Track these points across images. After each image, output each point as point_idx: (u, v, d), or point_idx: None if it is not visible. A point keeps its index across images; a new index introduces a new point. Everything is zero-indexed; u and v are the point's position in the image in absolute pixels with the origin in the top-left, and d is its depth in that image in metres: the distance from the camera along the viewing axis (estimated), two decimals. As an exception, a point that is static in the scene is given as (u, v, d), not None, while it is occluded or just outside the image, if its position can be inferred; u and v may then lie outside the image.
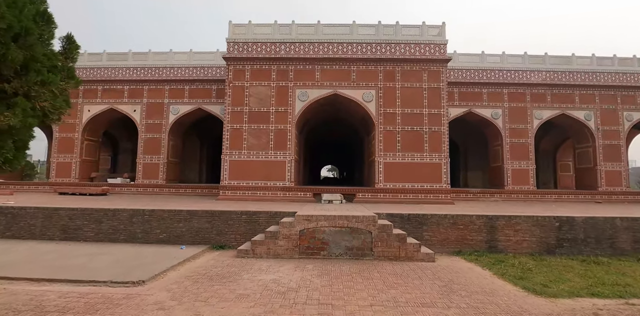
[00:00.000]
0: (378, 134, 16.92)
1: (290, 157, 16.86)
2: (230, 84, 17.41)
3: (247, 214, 11.42)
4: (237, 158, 16.92)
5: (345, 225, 9.91)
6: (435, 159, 16.77)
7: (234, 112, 17.23)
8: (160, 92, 21.36)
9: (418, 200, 16.38)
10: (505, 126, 20.97)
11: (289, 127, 17.00)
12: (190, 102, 21.17)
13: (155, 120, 21.18)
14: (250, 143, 16.97)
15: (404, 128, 16.94)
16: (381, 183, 16.61)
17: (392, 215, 11.33)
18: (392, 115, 17.02)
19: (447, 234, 11.25)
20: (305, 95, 17.11)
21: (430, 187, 16.53)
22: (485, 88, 21.09)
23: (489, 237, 11.28)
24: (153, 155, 21.02)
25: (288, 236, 9.88)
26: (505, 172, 20.69)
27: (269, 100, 17.19)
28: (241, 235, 11.35)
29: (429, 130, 16.95)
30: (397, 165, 16.70)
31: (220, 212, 11.48)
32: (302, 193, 16.69)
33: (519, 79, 21.21)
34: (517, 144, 20.91)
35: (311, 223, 9.93)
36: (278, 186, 16.65)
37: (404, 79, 17.23)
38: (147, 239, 11.53)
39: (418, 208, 13.33)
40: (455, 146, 26.04)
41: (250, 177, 16.71)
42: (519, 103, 21.12)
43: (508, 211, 12.95)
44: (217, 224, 11.43)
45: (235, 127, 17.13)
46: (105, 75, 21.72)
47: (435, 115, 17.05)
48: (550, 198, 20.51)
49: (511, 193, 20.39)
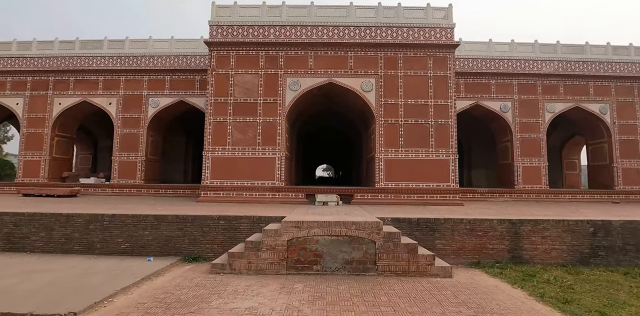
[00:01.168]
0: (378, 128, 15.15)
1: (280, 154, 15.04)
2: (213, 72, 15.55)
3: (225, 219, 9.60)
4: (220, 155, 15.07)
5: (343, 234, 8.13)
6: (442, 155, 15.04)
7: (217, 103, 15.38)
8: (138, 83, 19.44)
9: (423, 201, 14.63)
10: (515, 120, 19.30)
11: (279, 120, 15.18)
12: (172, 94, 19.27)
13: (133, 113, 19.26)
14: (236, 138, 15.14)
15: (407, 121, 15.19)
16: (382, 182, 14.85)
17: (399, 219, 9.56)
18: (394, 107, 15.27)
19: (464, 242, 9.51)
20: (297, 84, 15.30)
21: (437, 187, 14.80)
22: (493, 79, 19.40)
23: (512, 245, 9.56)
24: (130, 153, 19.09)
25: (273, 247, 8.08)
26: (516, 169, 19.02)
27: (256, 90, 15.36)
28: (219, 245, 9.53)
29: (435, 123, 15.21)
30: (399, 162, 14.95)
31: (194, 217, 9.64)
32: (293, 194, 14.89)
33: (529, 69, 19.55)
34: (528, 139, 19.25)
35: (301, 231, 8.13)
36: (266, 186, 14.82)
37: (407, 67, 15.47)
38: (107, 250, 9.68)
39: (427, 212, 11.58)
40: (457, 142, 24.34)
41: (235, 176, 14.87)
42: (530, 96, 19.45)
43: (525, 213, 11.25)
44: (190, 232, 9.59)
45: (218, 120, 15.28)
46: (78, 64, 19.76)
47: (442, 106, 15.31)
48: (564, 198, 18.88)
49: (522, 192, 18.72)
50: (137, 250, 9.60)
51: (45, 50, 20.04)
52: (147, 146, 19.29)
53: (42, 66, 19.81)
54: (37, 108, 19.62)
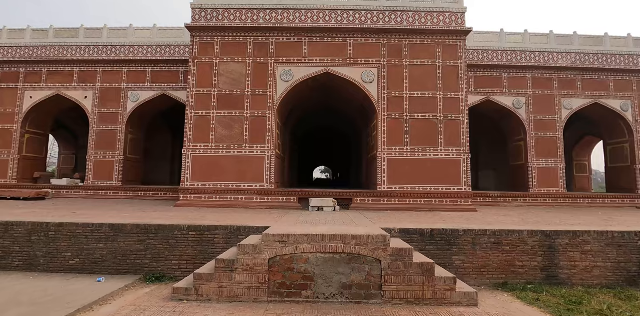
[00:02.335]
0: (381, 123, 13.46)
1: (270, 152, 13.33)
2: (196, 60, 13.86)
3: (197, 230, 7.87)
4: (202, 153, 13.35)
5: (340, 250, 6.41)
6: (452, 155, 13.36)
7: (200, 95, 13.67)
8: (116, 75, 17.71)
9: (431, 206, 12.94)
10: (530, 117, 17.64)
11: (269, 114, 13.48)
12: (153, 87, 17.55)
13: (110, 108, 17.53)
14: (220, 135, 13.42)
15: (413, 116, 13.51)
16: (385, 185, 13.14)
17: (408, 231, 7.86)
18: (399, 100, 13.59)
19: (488, 259, 7.81)
20: (289, 75, 13.61)
21: (447, 190, 13.11)
22: (505, 72, 17.76)
23: (546, 262, 7.87)
24: (107, 151, 17.35)
25: (251, 267, 6.35)
26: (530, 171, 17.34)
27: (243, 81, 13.66)
28: (188, 262, 7.80)
29: (444, 118, 13.53)
30: (404, 162, 13.26)
31: (158, 227, 7.91)
32: (284, 197, 13.17)
33: (544, 61, 17.93)
34: (544, 138, 17.59)
35: (287, 247, 6.41)
36: (254, 189, 13.10)
37: (412, 55, 13.81)
38: (52, 266, 7.94)
39: (439, 220, 9.88)
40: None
41: (219, 177, 13.15)
42: (545, 91, 17.81)
43: (553, 222, 9.57)
44: (154, 245, 7.86)
45: (200, 114, 13.57)
46: (51, 54, 18.02)
47: (452, 99, 13.64)
48: (583, 203, 17.22)
49: (537, 197, 17.05)
50: (88, 267, 7.87)
51: (16, 39, 18.31)
52: (125, 144, 17.55)
53: (12, 56, 18.08)
54: (5, 102, 17.86)
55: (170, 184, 22.19)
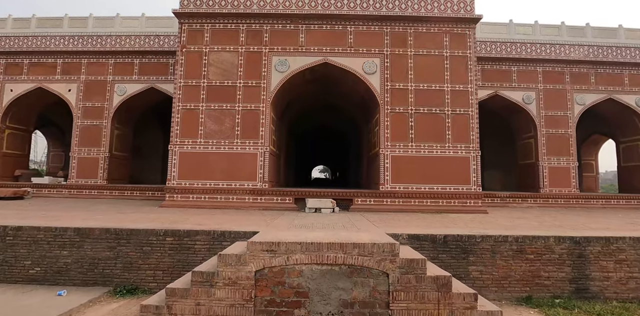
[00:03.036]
0: (384, 118, 12.45)
1: (263, 149, 12.31)
2: (184, 49, 12.83)
3: (174, 235, 6.85)
4: (190, 149, 12.33)
5: (340, 261, 5.40)
6: (461, 152, 12.36)
7: (188, 86, 12.64)
8: (102, 67, 16.66)
9: (438, 207, 11.94)
10: (540, 113, 16.66)
11: (263, 107, 12.46)
12: (141, 80, 16.50)
13: (95, 102, 16.47)
14: (209, 129, 12.40)
15: (418, 110, 12.51)
16: (388, 184, 12.14)
17: (418, 237, 6.85)
18: (403, 92, 12.58)
19: (509, 269, 6.81)
20: (284, 65, 12.59)
21: (455, 190, 12.11)
22: (514, 66, 16.77)
23: (575, 273, 6.87)
24: (91, 148, 16.29)
25: (234, 281, 5.34)
26: (541, 170, 16.36)
27: (235, 71, 12.63)
28: (165, 271, 6.78)
29: (452, 112, 12.54)
30: (409, 160, 12.26)
31: (130, 231, 6.88)
32: (279, 198, 12.15)
33: (555, 54, 16.94)
34: (555, 136, 16.61)
35: (278, 257, 5.40)
36: (246, 188, 12.08)
37: (418, 44, 12.81)
38: (9, 275, 6.93)
39: (450, 223, 8.88)
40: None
41: (208, 175, 12.14)
42: (557, 85, 16.83)
43: (570, 225, 8.58)
44: (125, 252, 6.84)
45: (188, 107, 12.55)
46: (33, 45, 16.96)
47: (461, 92, 12.65)
48: (597, 204, 16.26)
49: (548, 197, 16.07)
50: (50, 277, 6.85)
51: (-4, 28, 17.26)
52: (111, 140, 16.50)
53: (-8, 47, 17.02)
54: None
55: (162, 183, 21.13)
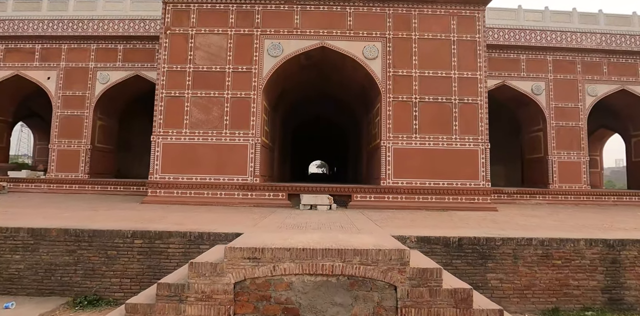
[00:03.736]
0: (386, 107, 11.48)
1: (254, 140, 11.32)
2: (168, 32, 11.78)
3: (144, 237, 5.88)
4: (174, 140, 11.34)
5: (338, 271, 4.45)
6: (469, 144, 11.43)
7: (172, 72, 11.61)
8: (83, 53, 15.57)
9: (444, 204, 11.02)
10: (550, 104, 15.72)
11: (254, 95, 11.45)
12: (125, 67, 15.43)
13: (76, 91, 15.40)
14: (195, 119, 11.39)
15: (423, 99, 11.54)
16: (389, 179, 11.19)
17: (428, 239, 5.91)
18: (407, 80, 11.60)
19: (533, 277, 5.89)
20: (278, 49, 11.56)
21: (463, 186, 11.19)
22: (523, 54, 15.80)
23: (609, 281, 5.97)
24: (72, 140, 15.26)
25: (209, 295, 4.38)
26: (551, 165, 15.46)
27: (224, 55, 11.60)
28: (133, 279, 5.82)
29: (459, 101, 11.58)
30: (413, 152, 11.31)
31: (93, 232, 5.90)
32: (271, 193, 11.18)
33: (566, 42, 15.97)
34: (566, 128, 15.69)
35: (262, 266, 4.43)
36: (236, 183, 11.11)
37: (423, 28, 11.80)
38: (-48, 284, 5.92)
39: (460, 222, 7.95)
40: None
41: (195, 169, 11.15)
42: (568, 75, 15.88)
43: (593, 224, 7.68)
44: (87, 257, 5.87)
45: (173, 94, 11.53)
46: (10, 29, 15.82)
47: (469, 80, 11.68)
48: (608, 200, 15.40)
49: (558, 194, 15.18)
50: (0, 286, 5.87)
51: (-30, 11, 16.09)
52: (94, 132, 15.46)
53: (-35, 31, 15.87)
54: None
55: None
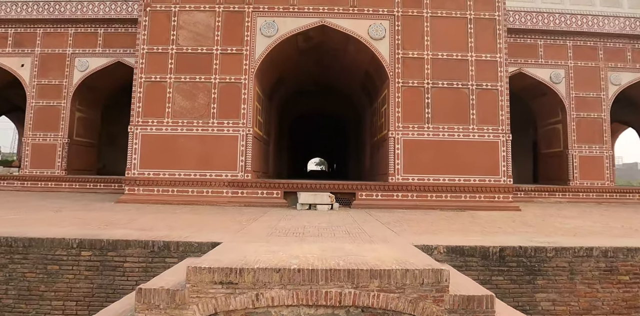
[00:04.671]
0: (394, 93, 10.16)
1: (245, 131, 10.00)
2: (148, 8, 10.41)
3: (94, 248, 4.56)
4: (154, 131, 10.01)
5: (348, 302, 3.14)
6: (488, 135, 10.13)
7: (153, 54, 10.27)
8: (60, 38, 14.20)
9: (460, 203, 9.75)
10: (570, 94, 14.43)
11: (245, 80, 10.12)
12: (106, 53, 14.07)
13: (52, 79, 14.05)
14: (179, 107, 10.06)
15: (436, 84, 10.23)
16: (399, 175, 9.90)
17: (461, 250, 4.61)
18: (418, 63, 10.28)
19: (594, 297, 4.61)
20: (272, 28, 10.22)
21: (482, 182, 9.90)
22: (541, 39, 14.50)
23: (689, 303, 4.67)
24: (47, 133, 13.92)
25: (165, 336, 3.08)
26: (571, 160, 14.19)
27: (211, 35, 10.25)
28: (79, 302, 4.52)
29: (477, 87, 10.27)
30: (425, 145, 10.02)
31: (29, 241, 4.58)
32: (265, 191, 9.87)
33: (587, 26, 14.65)
34: (587, 120, 14.41)
35: (240, 294, 3.12)
36: (224, 179, 9.80)
37: (436, 4, 10.47)
38: None
39: (490, 226, 6.67)
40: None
41: (177, 163, 9.84)
42: (589, 62, 14.59)
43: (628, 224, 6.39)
44: (21, 273, 4.55)
45: (153, 79, 10.19)
46: (-20, 12, 14.45)
47: (488, 63, 10.37)
48: (633, 198, 14.20)
49: (579, 191, 13.93)
50: None
51: (-64, -8, 14.69)
52: (72, 124, 14.13)
53: None
54: None
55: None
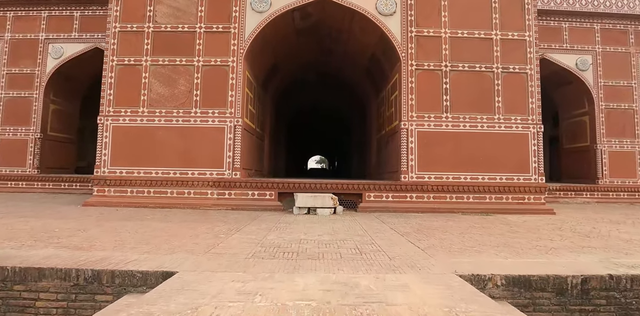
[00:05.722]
0: (407, 78, 8.73)
1: (234, 121, 8.59)
2: (120, -20, 8.99)
3: (-8, 280, 3.16)
4: (128, 122, 8.60)
5: None
6: (516, 126, 8.71)
7: (126, 33, 8.85)
8: (33, 22, 12.79)
9: (485, 205, 8.33)
10: (598, 82, 12.99)
11: (233, 63, 8.70)
12: (83, 38, 12.64)
13: (24, 67, 12.63)
14: (156, 94, 8.65)
15: (456, 67, 8.80)
16: (413, 172, 8.48)
17: (527, 282, 3.17)
18: (434, 42, 8.85)
19: None
20: (264, 2, 8.79)
21: (509, 181, 8.48)
22: (566, 21, 13.05)
23: None
24: (18, 127, 12.53)
25: None
26: (600, 156, 12.76)
27: (193, 11, 8.83)
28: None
29: (503, 70, 8.83)
30: (443, 137, 8.60)
31: None
32: (256, 192, 8.46)
33: (617, 7, 13.20)
34: (617, 111, 12.98)
35: None
36: (209, 178, 8.40)
37: (454, -25, 9.04)
38: None
39: (542, 240, 5.25)
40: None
41: (154, 160, 8.44)
42: (619, 47, 13.14)
43: None
44: None
45: (126, 62, 8.77)
46: (-57, -6, 13.04)
47: (515, 42, 8.94)
48: (668, 198, 12.73)
49: (609, 190, 12.52)
50: None
51: None
52: (45, 117, 12.72)
53: None
54: None
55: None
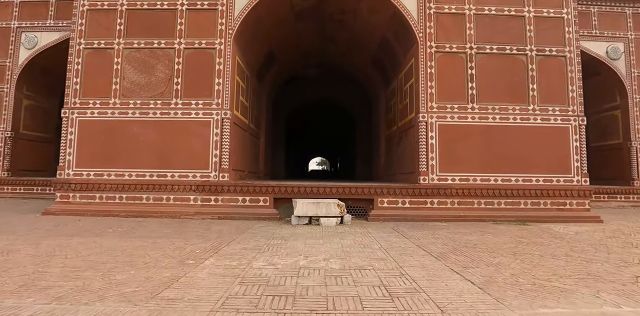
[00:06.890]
0: (425, 63, 7.43)
1: (222, 114, 7.29)
2: (90, -49, 7.73)
3: None
4: (97, 116, 7.32)
5: None
6: (554, 118, 7.39)
7: (95, 12, 7.59)
8: (4, 9, 11.58)
9: (519, 212, 7.01)
10: (632, 72, 11.70)
11: (221, 45, 7.42)
12: (59, 27, 11.41)
13: (-7, 59, 11.44)
14: (130, 83, 7.37)
15: (483, 50, 7.50)
16: (434, 173, 7.16)
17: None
18: (456, 20, 7.56)
19: None
20: (257, -26, 7.53)
21: (547, 183, 7.16)
22: (594, 5, 11.77)
23: None
24: (-14, 125, 11.29)
25: None
26: (636, 154, 11.44)
27: (174, -15, 7.57)
28: None
29: (538, 53, 7.53)
30: (469, 131, 7.29)
31: None
32: (248, 198, 7.15)
33: (651, -10, 11.94)
34: (653, 105, 11.70)
35: None
36: (191, 181, 7.09)
37: (478, -57, 7.75)
38: None
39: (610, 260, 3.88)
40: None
41: (127, 160, 7.15)
42: (653, 34, 11.87)
43: None
44: None
45: (96, 45, 7.50)
46: None
47: (552, 20, 7.64)
48: None
49: (646, 193, 11.21)
50: None
51: None
52: (17, 114, 11.48)
53: None
54: None
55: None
